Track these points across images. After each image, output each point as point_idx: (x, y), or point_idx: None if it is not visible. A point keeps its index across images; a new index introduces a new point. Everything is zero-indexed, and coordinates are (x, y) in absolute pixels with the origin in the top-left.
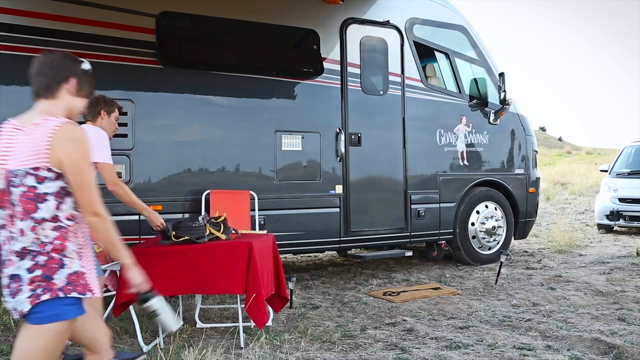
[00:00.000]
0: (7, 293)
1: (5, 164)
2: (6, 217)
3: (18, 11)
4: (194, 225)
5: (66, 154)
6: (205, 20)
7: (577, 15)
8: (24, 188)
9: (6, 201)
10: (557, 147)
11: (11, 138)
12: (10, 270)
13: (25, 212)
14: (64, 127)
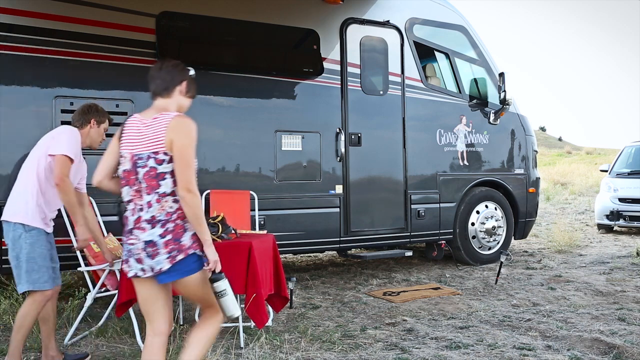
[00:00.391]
0: (143, 255)
1: (132, 149)
2: (134, 192)
3: (18, 11)
4: None
5: (176, 139)
6: (205, 20)
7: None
8: (147, 168)
9: (133, 180)
10: (557, 147)
11: (137, 128)
12: (145, 236)
13: (150, 188)
14: (177, 119)
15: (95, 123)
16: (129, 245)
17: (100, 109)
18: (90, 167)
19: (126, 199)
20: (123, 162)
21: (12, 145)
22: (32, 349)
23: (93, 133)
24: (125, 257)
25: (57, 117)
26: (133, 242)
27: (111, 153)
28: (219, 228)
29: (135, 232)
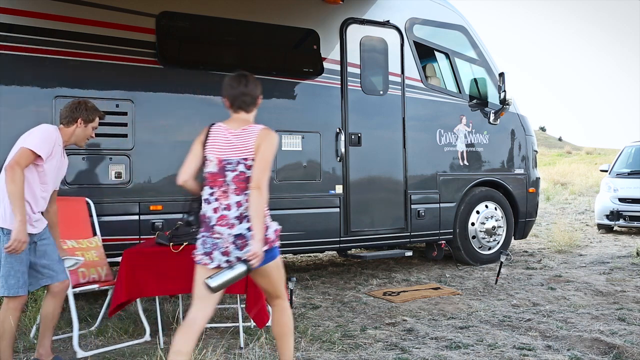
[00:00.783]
0: (232, 248)
1: (220, 154)
2: (220, 192)
3: (18, 11)
4: (191, 231)
5: (263, 146)
6: (205, 20)
7: (577, 15)
8: (237, 172)
9: (221, 182)
10: (557, 147)
11: (224, 137)
12: (234, 231)
13: (239, 190)
14: (265, 131)
15: (82, 122)
16: (215, 240)
17: (90, 107)
18: (97, 165)
19: (207, 197)
20: (209, 165)
21: (12, 145)
22: (31, 349)
23: (79, 132)
24: (208, 250)
25: (57, 117)
26: (218, 237)
27: (195, 156)
28: None
29: (217, 228)
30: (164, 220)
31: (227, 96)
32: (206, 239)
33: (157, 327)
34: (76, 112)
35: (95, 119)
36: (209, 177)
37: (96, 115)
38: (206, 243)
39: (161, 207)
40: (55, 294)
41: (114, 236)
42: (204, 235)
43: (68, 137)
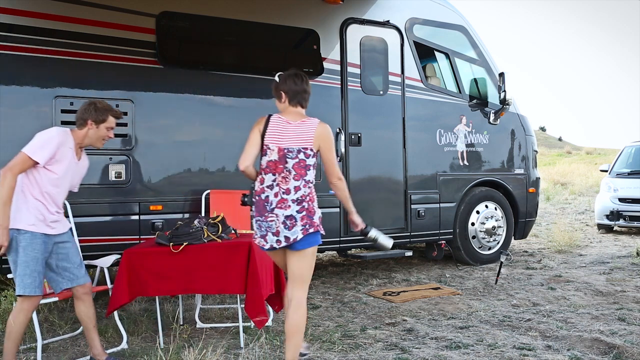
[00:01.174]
0: (282, 228)
1: (281, 144)
2: (280, 178)
3: (18, 11)
4: (191, 231)
5: (323, 141)
6: (205, 20)
7: (577, 15)
8: (297, 160)
9: (281, 168)
10: (557, 147)
11: (284, 128)
12: (287, 212)
13: (299, 176)
14: (322, 125)
15: (92, 124)
16: (269, 222)
17: (100, 107)
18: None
19: (268, 184)
20: (269, 154)
21: (12, 145)
22: (31, 350)
23: (91, 134)
24: (263, 233)
25: (57, 117)
26: (273, 219)
27: (254, 144)
28: (218, 228)
29: (276, 210)
30: (164, 220)
31: (288, 91)
32: (261, 223)
33: (157, 327)
34: (86, 114)
35: (108, 119)
36: (270, 164)
37: (108, 115)
38: (261, 227)
39: (161, 207)
40: (79, 297)
41: (114, 236)
42: (259, 220)
43: (81, 139)
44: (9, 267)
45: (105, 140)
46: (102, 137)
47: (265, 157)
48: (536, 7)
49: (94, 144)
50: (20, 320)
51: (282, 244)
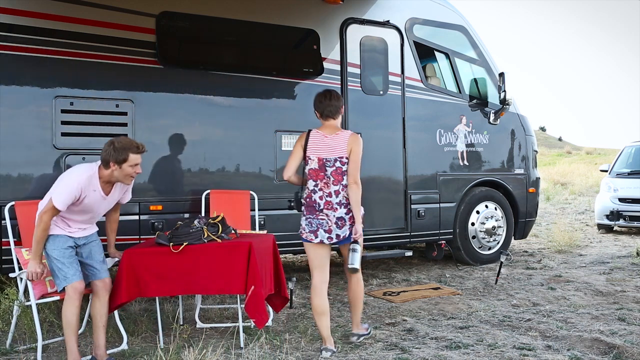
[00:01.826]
0: (334, 227)
1: (320, 154)
2: (322, 184)
3: (18, 11)
4: (191, 231)
5: (354, 149)
6: (205, 20)
7: (577, 15)
8: (334, 168)
9: (322, 175)
10: (557, 147)
11: (321, 140)
12: (337, 214)
13: (337, 181)
14: (354, 135)
15: (114, 164)
16: (319, 220)
17: (119, 147)
18: None
19: (313, 188)
20: (310, 163)
21: (12, 145)
22: (32, 350)
23: (117, 174)
24: (313, 229)
25: (57, 117)
26: (324, 218)
27: (296, 157)
28: (218, 228)
29: (325, 211)
30: (164, 220)
31: (317, 109)
32: (312, 220)
33: (157, 327)
34: (107, 155)
35: (129, 157)
36: (311, 172)
37: (128, 154)
38: (312, 224)
39: (161, 207)
40: (97, 293)
41: None
42: (309, 217)
43: (107, 178)
44: (8, 267)
45: (133, 176)
46: (129, 175)
47: (307, 166)
48: (536, 7)
49: (122, 182)
50: (71, 311)
51: (333, 240)
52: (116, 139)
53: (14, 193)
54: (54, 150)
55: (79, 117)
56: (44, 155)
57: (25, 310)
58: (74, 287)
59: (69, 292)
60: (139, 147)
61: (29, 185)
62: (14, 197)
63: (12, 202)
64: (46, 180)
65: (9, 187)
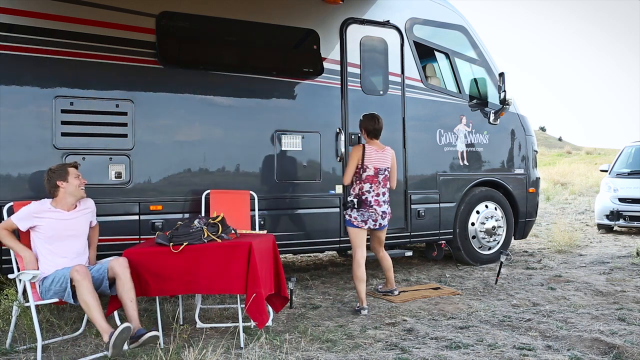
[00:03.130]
0: (379, 218)
1: (376, 165)
2: (375, 186)
3: (18, 11)
4: (191, 231)
5: (393, 163)
6: (205, 20)
7: (577, 15)
8: (384, 175)
9: (375, 180)
10: (557, 147)
11: (375, 154)
12: (382, 209)
13: (383, 185)
14: (392, 151)
15: (62, 182)
16: (369, 212)
17: (55, 169)
18: (97, 165)
19: (366, 189)
20: (367, 171)
21: (12, 145)
22: (31, 350)
23: (69, 189)
24: (364, 219)
25: (57, 117)
26: (372, 211)
27: (355, 166)
28: (218, 228)
29: (374, 206)
30: (164, 220)
31: (366, 130)
32: (364, 212)
33: (157, 327)
34: (51, 180)
35: (69, 171)
36: (367, 177)
37: (66, 168)
38: (363, 215)
39: (161, 207)
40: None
41: (114, 236)
42: (362, 210)
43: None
44: (8, 267)
45: (82, 186)
46: (78, 185)
47: (364, 172)
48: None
49: (77, 193)
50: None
51: (376, 227)
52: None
53: (14, 193)
54: (54, 150)
55: (79, 117)
56: (44, 155)
57: (25, 310)
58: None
59: (74, 277)
60: (72, 163)
61: (29, 186)
62: (14, 197)
63: (10, 203)
64: None
65: (9, 187)
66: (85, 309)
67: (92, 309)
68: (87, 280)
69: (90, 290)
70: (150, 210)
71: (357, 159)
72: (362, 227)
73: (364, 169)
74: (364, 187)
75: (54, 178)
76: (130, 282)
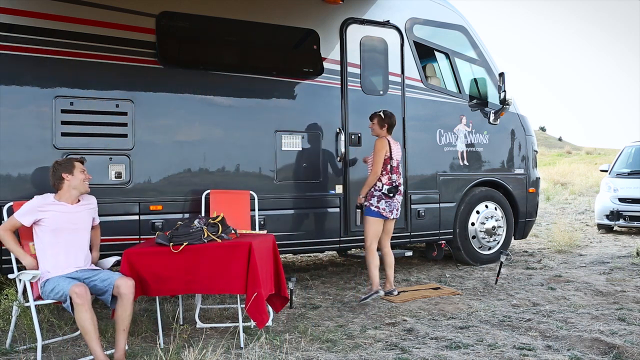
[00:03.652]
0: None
1: (398, 157)
2: (397, 176)
3: (18, 11)
4: (191, 231)
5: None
6: (205, 20)
7: (577, 15)
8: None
9: (399, 172)
10: (557, 147)
11: (396, 147)
12: (401, 198)
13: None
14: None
15: (67, 175)
16: (395, 203)
17: (62, 162)
18: (97, 165)
19: (394, 178)
20: (393, 163)
21: (12, 145)
22: (31, 350)
23: (73, 182)
24: (390, 209)
25: (57, 117)
26: (396, 201)
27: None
28: (218, 228)
29: (397, 196)
30: (164, 220)
31: (390, 124)
32: (390, 203)
33: (157, 327)
34: (57, 172)
35: (75, 165)
36: (394, 169)
37: (73, 162)
38: (390, 206)
39: (161, 207)
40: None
41: (114, 236)
42: (389, 201)
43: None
44: (8, 267)
45: (87, 181)
46: (83, 180)
47: (390, 164)
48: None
49: (82, 189)
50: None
51: (397, 216)
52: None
53: (13, 193)
54: (54, 150)
55: (79, 117)
56: (44, 155)
57: (25, 310)
58: (73, 291)
59: (73, 300)
60: (79, 158)
61: (29, 185)
62: (13, 197)
63: (10, 203)
64: (46, 181)
65: (9, 187)
66: (83, 333)
67: (89, 336)
68: (87, 304)
69: (88, 316)
70: (150, 210)
71: (386, 151)
72: (389, 217)
73: (390, 161)
74: (393, 177)
75: (60, 170)
76: (131, 308)
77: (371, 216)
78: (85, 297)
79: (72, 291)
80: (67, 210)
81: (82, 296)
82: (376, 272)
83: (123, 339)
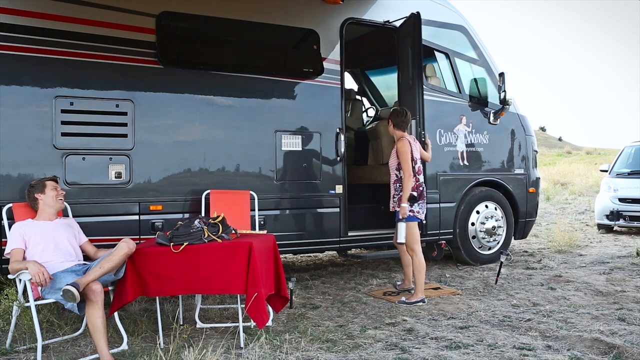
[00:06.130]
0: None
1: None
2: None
3: (18, 11)
4: (192, 231)
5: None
6: (205, 20)
7: (577, 15)
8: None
9: (421, 171)
10: (557, 147)
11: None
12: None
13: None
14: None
15: (39, 195)
16: (425, 204)
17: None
18: (97, 165)
19: (421, 179)
20: (418, 162)
21: (12, 145)
22: (31, 350)
23: (47, 200)
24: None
25: (57, 117)
26: (423, 202)
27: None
28: (219, 228)
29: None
30: (164, 220)
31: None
32: (422, 204)
33: (157, 327)
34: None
35: (46, 184)
36: (419, 170)
37: (44, 182)
38: (421, 207)
39: (161, 207)
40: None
41: (114, 236)
42: (420, 203)
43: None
44: (7, 267)
45: (61, 197)
46: (55, 197)
47: (415, 165)
48: (536, 7)
49: (55, 205)
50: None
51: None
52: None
53: (13, 193)
54: (54, 150)
55: (79, 117)
56: (44, 155)
57: (25, 310)
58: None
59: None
60: (51, 177)
61: None
62: (13, 198)
63: (9, 204)
64: None
65: (9, 187)
66: (92, 331)
67: (99, 334)
68: (101, 302)
69: (101, 314)
70: (150, 210)
71: (410, 152)
72: (422, 219)
73: (415, 162)
74: (420, 179)
75: (32, 191)
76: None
77: (409, 221)
78: (100, 295)
79: (90, 288)
80: (47, 226)
81: (98, 294)
82: (423, 278)
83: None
